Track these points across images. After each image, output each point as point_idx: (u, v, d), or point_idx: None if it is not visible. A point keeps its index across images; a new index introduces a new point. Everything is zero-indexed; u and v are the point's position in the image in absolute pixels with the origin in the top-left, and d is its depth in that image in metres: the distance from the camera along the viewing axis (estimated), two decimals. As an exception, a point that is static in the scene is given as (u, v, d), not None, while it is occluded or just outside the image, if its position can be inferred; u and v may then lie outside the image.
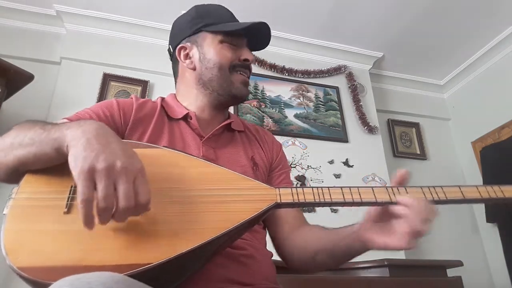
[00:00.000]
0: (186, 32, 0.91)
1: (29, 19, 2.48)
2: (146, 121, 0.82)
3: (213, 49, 0.87)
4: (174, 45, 0.93)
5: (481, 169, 2.77)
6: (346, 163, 2.54)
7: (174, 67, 0.96)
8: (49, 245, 0.52)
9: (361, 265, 1.60)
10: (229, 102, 0.91)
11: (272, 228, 0.88)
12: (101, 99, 2.34)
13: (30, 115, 2.10)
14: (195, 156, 0.70)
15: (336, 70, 2.87)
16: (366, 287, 1.51)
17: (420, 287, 1.56)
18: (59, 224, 0.55)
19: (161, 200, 0.57)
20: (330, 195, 0.62)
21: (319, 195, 0.62)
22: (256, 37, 0.91)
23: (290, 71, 2.75)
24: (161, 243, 0.54)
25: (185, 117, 0.87)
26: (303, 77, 2.78)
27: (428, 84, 3.30)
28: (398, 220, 0.61)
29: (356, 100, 2.78)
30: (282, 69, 2.74)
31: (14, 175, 0.60)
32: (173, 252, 0.53)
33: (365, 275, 1.60)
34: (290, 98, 2.69)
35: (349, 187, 0.63)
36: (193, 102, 0.89)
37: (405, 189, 0.63)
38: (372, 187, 0.63)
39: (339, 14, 2.60)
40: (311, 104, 2.71)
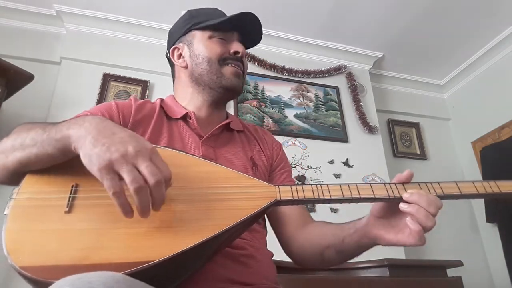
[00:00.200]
0: (178, 34, 0.93)
1: (29, 19, 2.48)
2: (146, 122, 0.83)
3: (202, 45, 0.88)
4: (169, 48, 0.95)
5: (481, 169, 2.77)
6: (346, 163, 2.54)
7: (172, 71, 0.98)
8: (51, 245, 0.52)
9: (361, 265, 1.60)
10: (223, 96, 0.90)
11: (278, 227, 0.88)
12: (101, 99, 2.34)
13: (30, 115, 2.11)
14: (195, 156, 0.70)
15: (336, 70, 2.87)
16: (366, 287, 1.51)
17: (420, 287, 1.56)
18: (60, 224, 0.55)
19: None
20: (329, 192, 0.63)
21: (318, 192, 0.63)
22: (247, 31, 0.91)
23: (290, 71, 2.75)
24: (163, 241, 0.54)
25: (184, 117, 0.87)
26: (303, 77, 2.79)
27: (428, 84, 3.30)
28: (404, 216, 0.61)
29: (356, 100, 2.78)
30: (282, 69, 2.74)
31: (15, 177, 0.61)
32: (175, 250, 0.53)
33: (365, 275, 1.60)
34: (290, 98, 2.69)
35: (348, 184, 0.64)
36: (190, 102, 0.90)
37: (403, 186, 0.63)
38: (370, 184, 0.64)
39: (339, 14, 2.60)
40: (311, 104, 2.71)
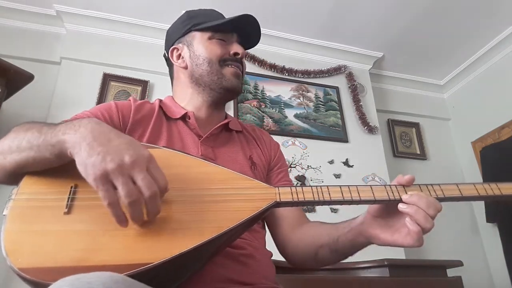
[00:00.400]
0: (178, 34, 0.93)
1: (29, 19, 2.48)
2: (145, 122, 0.83)
3: (202, 46, 0.88)
4: (168, 49, 0.95)
5: (481, 169, 2.77)
6: (346, 163, 2.54)
7: (170, 71, 0.98)
8: (50, 246, 0.52)
9: (361, 265, 1.60)
10: (223, 97, 0.91)
11: (273, 227, 0.88)
12: (101, 99, 2.34)
13: (30, 115, 2.10)
14: (195, 156, 0.70)
15: (336, 70, 2.87)
16: (366, 287, 1.51)
17: (420, 287, 1.56)
18: (60, 225, 0.55)
19: (163, 200, 0.56)
20: (329, 194, 0.63)
21: (318, 194, 0.63)
22: (247, 33, 0.92)
23: (290, 71, 2.75)
24: (162, 243, 0.54)
25: (184, 117, 0.87)
26: (303, 77, 2.78)
27: (428, 84, 3.30)
28: (402, 217, 0.61)
29: (356, 100, 2.78)
30: (282, 69, 2.74)
31: (13, 177, 0.61)
32: (174, 252, 0.53)
33: (365, 275, 1.60)
34: (290, 98, 2.69)
35: (348, 186, 0.64)
36: (190, 102, 0.90)
37: (404, 188, 0.63)
38: (371, 186, 0.64)
39: (339, 14, 2.60)
40: (311, 104, 2.71)
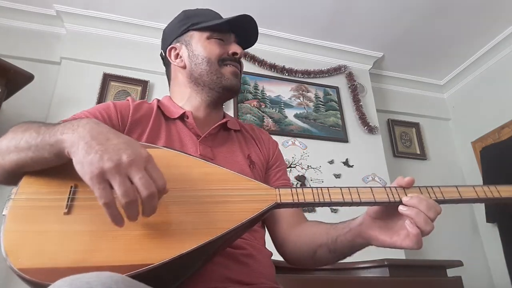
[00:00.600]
0: (175, 34, 0.93)
1: (29, 19, 2.48)
2: (144, 122, 0.83)
3: (201, 45, 0.88)
4: (165, 48, 0.95)
5: (481, 169, 2.77)
6: (346, 163, 2.54)
7: (167, 71, 0.97)
8: (50, 246, 0.52)
9: (361, 265, 1.60)
10: (222, 96, 0.90)
11: (271, 227, 0.88)
12: (101, 99, 2.34)
13: (30, 115, 2.10)
14: (195, 156, 0.70)
15: (336, 70, 2.87)
16: (366, 287, 1.51)
17: (420, 287, 1.56)
18: (60, 225, 0.54)
19: (163, 201, 0.56)
20: (330, 196, 0.63)
21: (319, 195, 0.63)
22: (244, 32, 0.92)
23: (290, 71, 2.75)
24: (162, 244, 0.54)
25: (182, 117, 0.87)
26: (303, 77, 2.78)
27: (428, 84, 3.30)
28: (401, 219, 0.62)
29: (356, 100, 2.78)
30: (282, 69, 2.74)
31: (12, 177, 0.61)
32: (173, 253, 0.53)
33: (365, 275, 1.60)
34: (290, 98, 2.69)
35: (348, 188, 0.64)
36: (188, 102, 0.90)
37: (404, 190, 0.63)
38: (371, 187, 0.64)
39: (339, 14, 2.60)
40: (311, 104, 2.71)
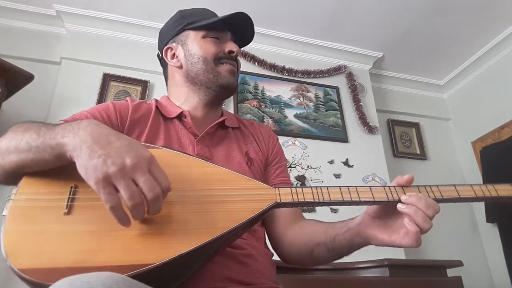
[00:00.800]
0: (171, 34, 0.93)
1: (29, 19, 2.48)
2: (143, 122, 0.83)
3: (197, 44, 0.88)
4: (162, 49, 0.95)
5: (481, 169, 2.77)
6: (346, 163, 2.54)
7: (165, 72, 0.97)
8: (50, 246, 0.52)
9: (361, 265, 1.60)
10: (220, 95, 0.90)
11: (269, 225, 0.88)
12: (101, 99, 2.34)
13: (30, 115, 2.10)
14: (194, 156, 0.70)
15: (336, 70, 2.87)
16: (366, 287, 1.51)
17: (420, 287, 1.56)
18: (60, 225, 0.54)
19: (163, 201, 0.56)
20: (329, 195, 0.63)
21: (318, 195, 0.63)
22: (240, 30, 0.92)
23: (290, 71, 2.75)
24: (163, 244, 0.54)
25: (180, 116, 0.87)
26: (303, 77, 2.78)
27: (428, 84, 3.30)
28: (400, 217, 0.62)
29: (356, 100, 2.78)
30: (282, 69, 2.74)
31: (12, 178, 0.61)
32: (173, 253, 0.53)
33: (365, 275, 1.60)
34: (290, 98, 2.69)
35: (348, 187, 0.64)
36: (186, 102, 0.90)
37: (403, 189, 0.63)
38: (370, 187, 0.64)
39: (339, 14, 2.60)
40: (311, 104, 2.71)
